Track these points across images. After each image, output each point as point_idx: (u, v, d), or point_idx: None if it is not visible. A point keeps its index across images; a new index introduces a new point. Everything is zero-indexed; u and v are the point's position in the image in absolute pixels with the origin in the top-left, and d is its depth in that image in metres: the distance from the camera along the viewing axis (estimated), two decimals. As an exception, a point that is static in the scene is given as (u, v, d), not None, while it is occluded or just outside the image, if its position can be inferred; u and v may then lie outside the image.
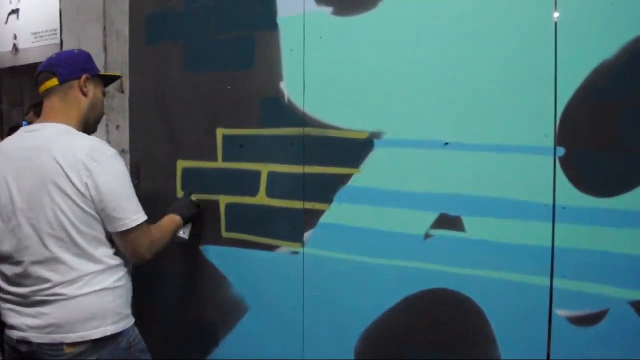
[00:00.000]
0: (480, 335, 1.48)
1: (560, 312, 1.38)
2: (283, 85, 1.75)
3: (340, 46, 1.65)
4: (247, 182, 1.83)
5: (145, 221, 1.48)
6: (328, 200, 1.68)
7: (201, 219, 1.93)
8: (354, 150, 1.63)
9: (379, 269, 1.61)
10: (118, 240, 1.46)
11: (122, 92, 2.47)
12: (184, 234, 1.83)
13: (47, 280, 1.38)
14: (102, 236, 1.44)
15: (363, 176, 1.63)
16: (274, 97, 1.77)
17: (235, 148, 1.86)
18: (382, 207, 1.60)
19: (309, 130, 1.71)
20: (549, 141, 1.38)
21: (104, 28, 2.52)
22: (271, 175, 1.79)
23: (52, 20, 4.26)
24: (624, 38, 1.29)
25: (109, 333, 1.42)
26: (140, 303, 1.94)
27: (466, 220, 1.49)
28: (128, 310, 1.52)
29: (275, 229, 1.79)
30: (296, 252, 1.76)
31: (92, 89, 1.57)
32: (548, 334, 1.39)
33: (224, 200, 1.89)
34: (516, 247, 1.42)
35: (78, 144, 1.41)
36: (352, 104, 1.64)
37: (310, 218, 1.72)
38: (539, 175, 1.39)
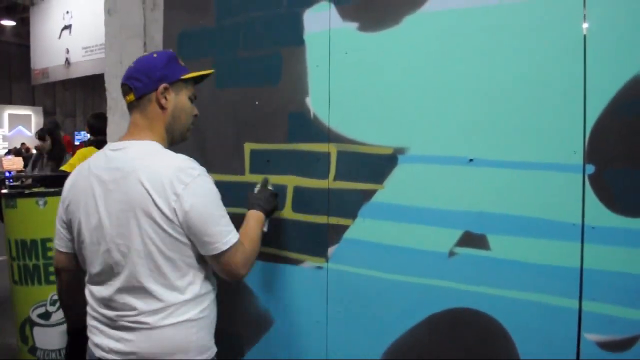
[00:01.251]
0: (505, 357, 1.43)
1: (589, 336, 1.33)
2: (309, 100, 1.77)
3: (365, 62, 1.65)
4: (274, 196, 1.85)
5: (238, 239, 1.40)
6: (352, 215, 1.68)
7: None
8: (378, 165, 1.63)
9: (402, 286, 1.59)
10: (211, 262, 1.38)
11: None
12: (265, 227, 1.68)
13: (133, 308, 1.32)
14: (193, 260, 1.36)
15: (387, 192, 1.62)
16: (300, 112, 1.78)
17: (263, 163, 1.88)
18: (406, 224, 1.58)
19: (333, 146, 1.71)
20: (578, 158, 1.33)
21: (145, 44, 2.61)
22: (297, 190, 1.81)
23: (101, 35, 4.47)
24: (657, 52, 1.24)
25: None
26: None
27: (491, 239, 1.45)
28: (212, 341, 1.44)
29: (300, 244, 1.80)
30: (320, 267, 1.75)
31: (173, 98, 1.44)
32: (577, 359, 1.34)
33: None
34: (543, 267, 1.38)
35: (164, 165, 1.31)
36: (377, 119, 1.63)
37: (335, 233, 1.72)
38: (568, 193, 1.35)
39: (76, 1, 9.10)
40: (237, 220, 1.91)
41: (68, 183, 1.46)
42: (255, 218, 1.61)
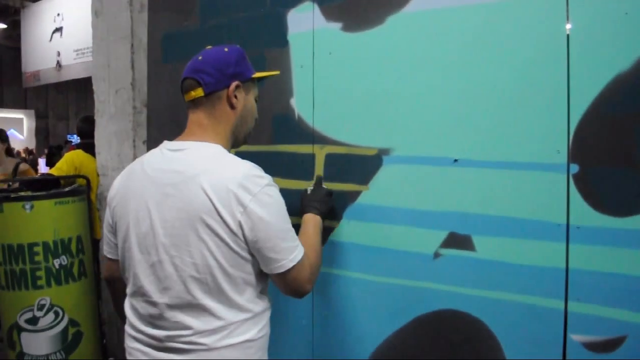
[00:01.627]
0: (492, 358, 1.42)
1: (575, 337, 1.32)
2: (293, 101, 1.75)
3: (349, 62, 1.64)
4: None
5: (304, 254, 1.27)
6: (337, 217, 1.67)
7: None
8: (363, 167, 1.61)
9: (388, 288, 1.58)
10: (275, 280, 1.26)
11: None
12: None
13: (187, 327, 1.18)
14: (251, 277, 1.22)
15: (372, 193, 1.60)
16: (284, 113, 1.77)
17: (248, 164, 1.86)
18: (391, 225, 1.57)
19: (318, 147, 1.70)
20: (562, 158, 1.32)
21: (132, 46, 2.59)
22: (282, 192, 1.78)
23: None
24: (639, 50, 1.24)
25: None
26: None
27: (476, 240, 1.44)
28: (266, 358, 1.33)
29: (286, 246, 1.78)
30: (306, 270, 1.74)
31: (243, 98, 1.32)
32: (562, 360, 1.33)
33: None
34: (528, 268, 1.37)
35: (229, 171, 1.18)
36: (361, 120, 1.62)
37: (320, 235, 1.70)
38: (552, 193, 1.34)
39: (67, 3, 9.07)
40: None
41: (116, 183, 1.33)
42: (313, 223, 1.49)
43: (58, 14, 9.33)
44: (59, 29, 9.20)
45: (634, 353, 1.25)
